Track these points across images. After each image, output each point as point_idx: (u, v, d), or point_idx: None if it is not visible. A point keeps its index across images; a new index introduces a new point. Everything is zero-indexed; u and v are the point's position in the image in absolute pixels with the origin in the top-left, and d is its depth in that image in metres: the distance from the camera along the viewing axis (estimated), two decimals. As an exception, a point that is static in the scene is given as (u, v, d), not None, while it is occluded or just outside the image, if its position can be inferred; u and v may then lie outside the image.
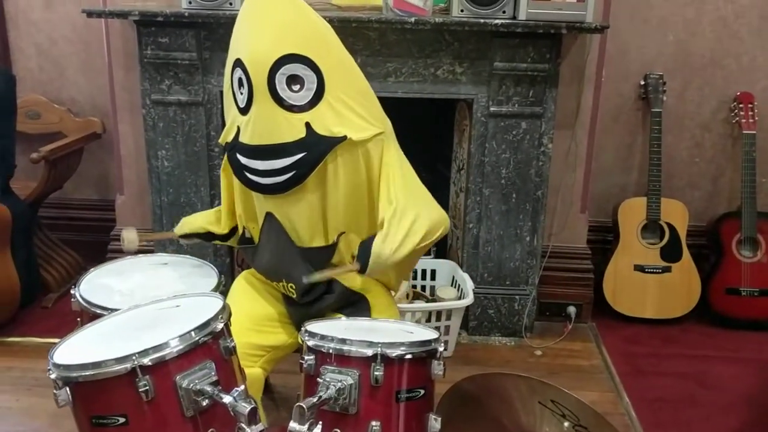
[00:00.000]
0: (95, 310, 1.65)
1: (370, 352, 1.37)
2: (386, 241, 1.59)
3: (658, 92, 2.79)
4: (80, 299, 1.71)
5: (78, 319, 1.72)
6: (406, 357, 1.40)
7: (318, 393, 1.35)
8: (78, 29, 2.95)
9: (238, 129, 1.62)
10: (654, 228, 2.82)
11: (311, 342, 1.43)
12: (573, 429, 1.80)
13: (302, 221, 1.64)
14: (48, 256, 2.94)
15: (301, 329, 1.49)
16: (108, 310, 1.60)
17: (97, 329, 1.42)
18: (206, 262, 1.98)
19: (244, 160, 1.60)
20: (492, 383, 1.89)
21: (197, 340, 1.28)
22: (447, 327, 2.50)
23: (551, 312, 2.80)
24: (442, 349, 1.48)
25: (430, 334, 1.51)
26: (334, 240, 1.67)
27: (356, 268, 1.63)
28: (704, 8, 2.79)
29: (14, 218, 2.59)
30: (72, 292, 1.74)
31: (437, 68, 2.44)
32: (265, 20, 1.55)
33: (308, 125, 1.55)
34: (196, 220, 1.93)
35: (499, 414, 1.79)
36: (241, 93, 1.58)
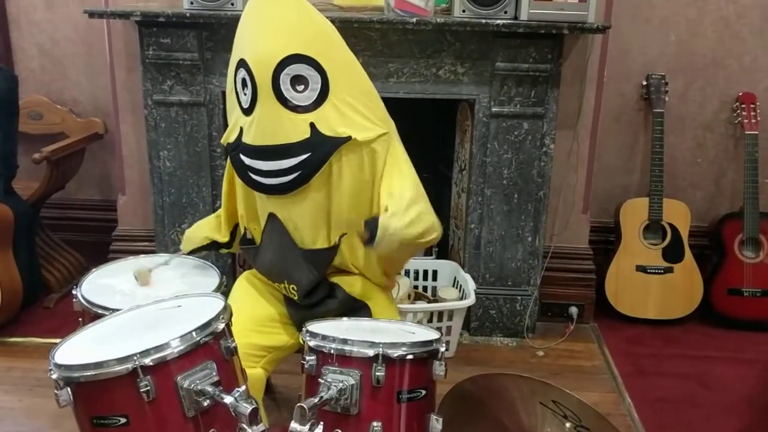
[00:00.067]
0: (97, 311, 1.65)
1: (372, 353, 1.37)
2: (393, 218, 1.53)
3: (660, 92, 2.78)
4: (82, 299, 1.71)
5: (80, 320, 1.72)
6: (408, 357, 1.40)
7: (319, 393, 1.35)
8: (80, 30, 2.96)
9: (241, 130, 1.62)
10: (656, 228, 2.82)
11: (312, 342, 1.42)
12: (574, 430, 1.79)
13: (305, 222, 1.64)
14: (50, 257, 2.94)
15: (303, 329, 1.49)
16: (109, 311, 1.60)
17: (99, 329, 1.42)
18: (208, 263, 1.98)
19: (248, 161, 1.60)
20: (493, 384, 1.89)
21: (198, 341, 1.27)
22: (449, 327, 2.50)
23: (553, 312, 2.80)
24: (444, 350, 1.47)
25: (432, 335, 1.51)
26: (336, 241, 1.67)
27: (366, 237, 1.55)
28: (706, 8, 2.79)
29: (16, 218, 2.60)
30: (74, 293, 1.74)
31: (439, 68, 2.44)
32: (270, 20, 1.55)
33: (313, 126, 1.55)
34: (200, 231, 1.92)
35: (501, 415, 1.79)
36: (245, 93, 1.58)
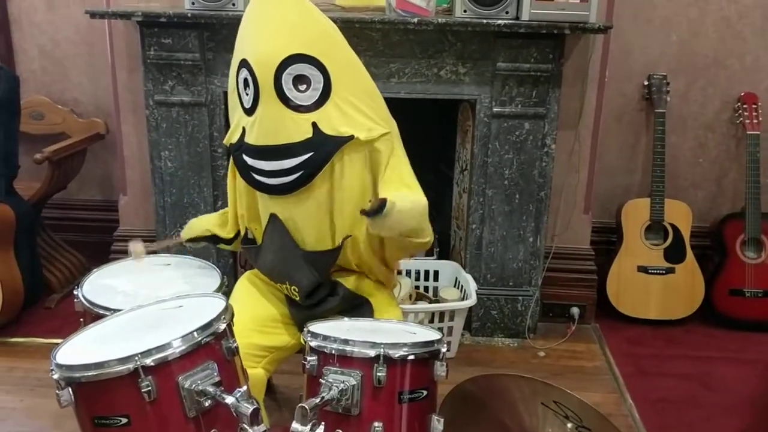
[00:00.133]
0: (98, 311, 1.65)
1: (373, 353, 1.37)
2: (403, 200, 1.52)
3: (662, 93, 2.78)
4: (83, 300, 1.71)
5: (81, 320, 1.72)
6: (409, 358, 1.40)
7: (320, 394, 1.35)
8: (81, 30, 2.96)
9: (244, 130, 1.62)
10: (657, 229, 2.81)
11: (314, 343, 1.42)
12: (576, 430, 1.79)
13: (308, 223, 1.64)
14: (51, 257, 2.95)
15: (304, 330, 1.49)
16: (111, 311, 1.60)
17: (100, 330, 1.42)
18: (209, 263, 1.98)
19: (251, 161, 1.60)
20: (495, 384, 1.89)
21: (200, 341, 1.27)
22: (450, 328, 2.50)
23: (554, 313, 2.80)
24: (445, 350, 1.47)
25: (433, 335, 1.51)
26: (339, 244, 1.66)
27: (377, 205, 1.51)
28: (708, 8, 2.79)
29: (18, 219, 2.60)
30: (75, 293, 1.74)
31: (440, 69, 2.44)
32: (272, 20, 1.55)
33: (315, 125, 1.54)
34: (202, 223, 1.93)
35: (502, 415, 1.79)
36: (247, 93, 1.58)
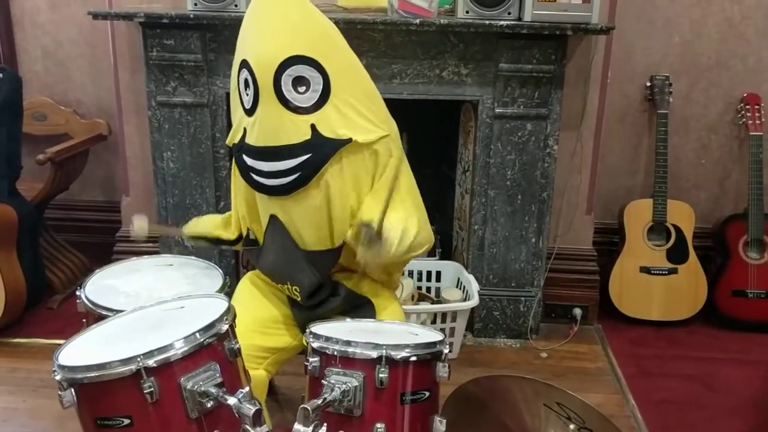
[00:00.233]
0: (100, 312, 1.65)
1: (375, 354, 1.37)
2: (392, 231, 1.52)
3: (664, 93, 2.78)
4: (85, 300, 1.71)
5: (83, 321, 1.73)
6: (411, 359, 1.40)
7: (323, 395, 1.35)
8: (84, 31, 2.97)
9: (245, 130, 1.62)
10: (660, 230, 2.81)
11: (316, 344, 1.42)
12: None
13: (306, 224, 1.64)
14: (54, 258, 2.95)
15: (306, 331, 1.49)
16: (113, 312, 1.60)
17: (102, 330, 1.42)
18: (211, 264, 1.98)
19: (250, 162, 1.60)
20: (497, 386, 1.89)
21: (202, 342, 1.27)
22: (452, 329, 2.50)
23: (557, 314, 2.79)
24: (447, 351, 1.47)
25: (435, 336, 1.51)
26: (340, 244, 1.66)
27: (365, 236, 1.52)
28: (710, 9, 2.78)
29: (20, 219, 2.60)
30: (77, 294, 1.74)
31: (442, 70, 2.43)
32: (272, 21, 1.55)
33: (314, 127, 1.54)
34: (206, 223, 1.92)
35: (504, 416, 1.78)
36: (247, 94, 1.58)
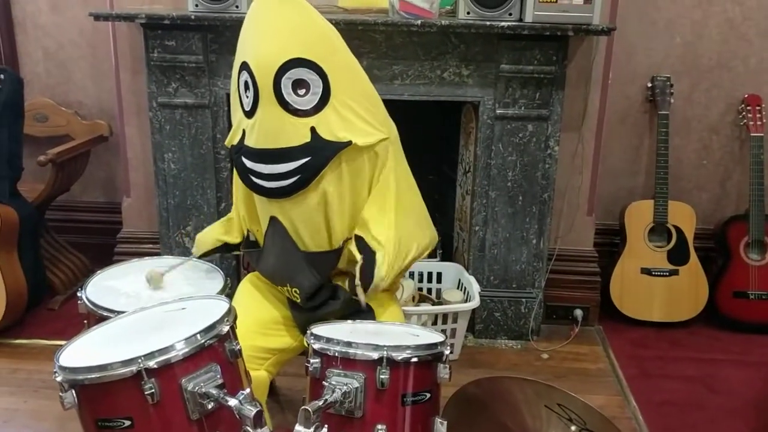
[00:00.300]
0: (101, 313, 1.65)
1: (376, 356, 1.37)
2: (384, 264, 1.60)
3: (665, 94, 2.77)
4: (86, 301, 1.71)
5: (84, 322, 1.73)
6: (412, 360, 1.40)
7: (324, 396, 1.35)
8: (85, 33, 2.97)
9: (244, 132, 1.62)
10: (661, 231, 2.81)
11: (317, 345, 1.42)
12: (579, 433, 1.79)
13: (306, 226, 1.64)
14: (55, 259, 2.95)
15: (307, 332, 1.49)
16: (114, 313, 1.61)
17: (103, 332, 1.42)
18: (212, 265, 1.98)
19: (249, 164, 1.60)
20: (498, 387, 1.88)
21: (203, 343, 1.27)
22: (453, 330, 2.49)
23: (558, 315, 2.79)
24: (448, 353, 1.47)
25: (436, 338, 1.51)
26: (340, 245, 1.66)
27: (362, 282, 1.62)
28: (711, 10, 2.78)
29: (21, 221, 2.60)
30: (78, 295, 1.75)
31: (443, 71, 2.43)
32: (272, 24, 1.55)
33: (313, 130, 1.55)
34: (211, 234, 1.92)
35: (505, 418, 1.78)
36: (247, 96, 1.58)
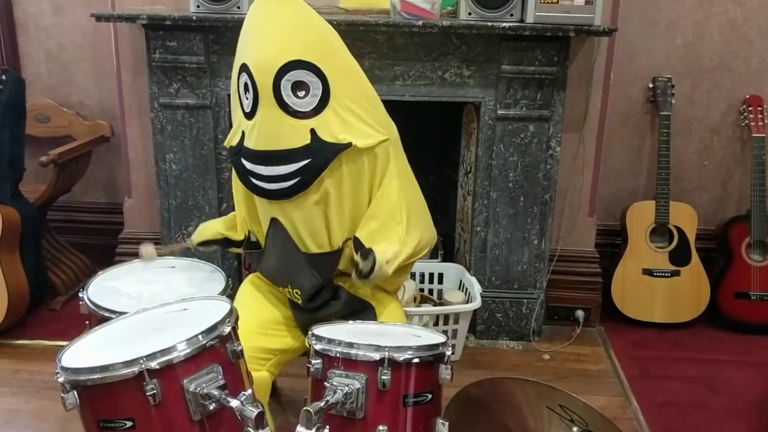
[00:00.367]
0: (103, 313, 1.66)
1: (378, 356, 1.37)
2: (386, 253, 1.58)
3: (667, 95, 2.77)
4: (88, 302, 1.72)
5: (86, 322, 1.73)
6: (414, 361, 1.40)
7: (325, 397, 1.35)
8: (87, 34, 2.97)
9: (243, 133, 1.62)
10: (663, 231, 2.81)
11: (318, 346, 1.42)
12: (581, 434, 1.79)
13: (307, 227, 1.64)
14: (56, 259, 2.95)
15: (309, 333, 1.49)
16: (116, 313, 1.61)
17: (105, 332, 1.43)
18: (214, 266, 1.98)
19: (249, 165, 1.60)
20: (499, 388, 1.88)
21: (204, 344, 1.27)
22: (454, 331, 2.49)
23: (559, 316, 2.79)
24: (450, 353, 1.47)
25: (438, 338, 1.51)
26: (340, 246, 1.66)
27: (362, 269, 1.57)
28: (713, 11, 2.78)
29: (23, 221, 2.61)
30: (80, 295, 1.75)
31: (445, 71, 2.43)
32: (271, 25, 1.55)
33: (313, 132, 1.54)
34: (213, 226, 1.92)
35: (507, 419, 1.78)
36: (247, 98, 1.58)
